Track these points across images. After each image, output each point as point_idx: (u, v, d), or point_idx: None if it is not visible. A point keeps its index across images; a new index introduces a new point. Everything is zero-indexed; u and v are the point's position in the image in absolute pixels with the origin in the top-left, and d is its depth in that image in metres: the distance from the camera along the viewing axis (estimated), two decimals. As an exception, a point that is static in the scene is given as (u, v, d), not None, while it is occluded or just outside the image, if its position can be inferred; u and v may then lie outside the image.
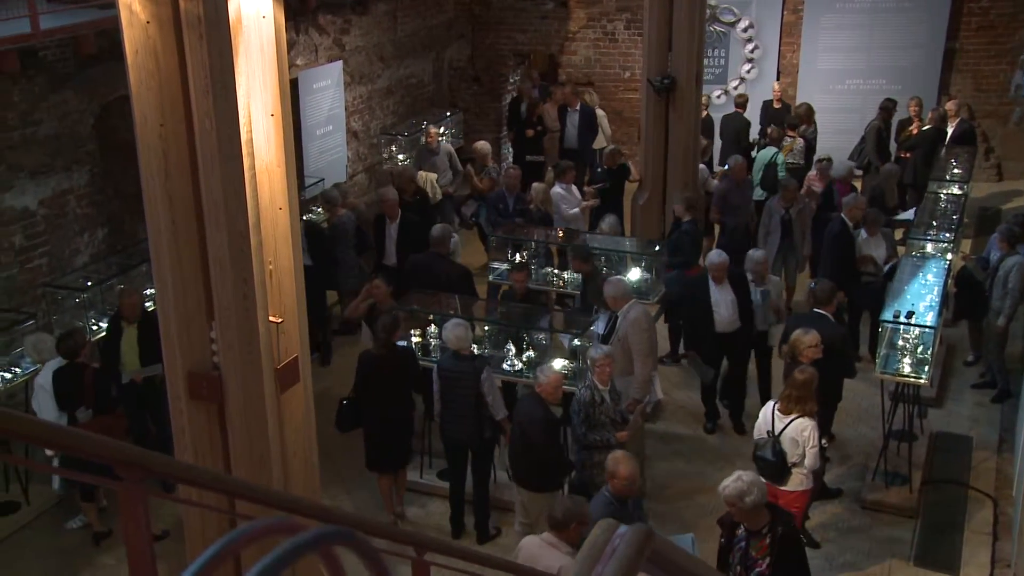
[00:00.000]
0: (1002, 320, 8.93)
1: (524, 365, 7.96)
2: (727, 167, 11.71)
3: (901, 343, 7.79)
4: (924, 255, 9.21)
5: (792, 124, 12.97)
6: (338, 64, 12.92)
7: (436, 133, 12.63)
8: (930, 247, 9.37)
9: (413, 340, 8.19)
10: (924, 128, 12.83)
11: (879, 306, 8.57)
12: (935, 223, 9.93)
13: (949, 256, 9.17)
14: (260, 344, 4.82)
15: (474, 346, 7.68)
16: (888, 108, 13.17)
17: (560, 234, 10.23)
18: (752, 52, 15.23)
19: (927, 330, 7.68)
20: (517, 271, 9.03)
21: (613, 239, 10.27)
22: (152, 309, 8.42)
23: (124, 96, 6.74)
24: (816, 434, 6.54)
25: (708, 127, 13.48)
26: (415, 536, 3.84)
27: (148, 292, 8.75)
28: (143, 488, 2.38)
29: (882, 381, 7.92)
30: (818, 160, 11.89)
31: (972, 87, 14.70)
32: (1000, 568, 7.10)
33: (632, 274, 9.41)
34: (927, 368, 7.67)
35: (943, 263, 8.91)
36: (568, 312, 9.07)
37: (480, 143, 12.59)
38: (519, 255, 9.95)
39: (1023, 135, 14.77)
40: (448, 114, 14.81)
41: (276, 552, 1.07)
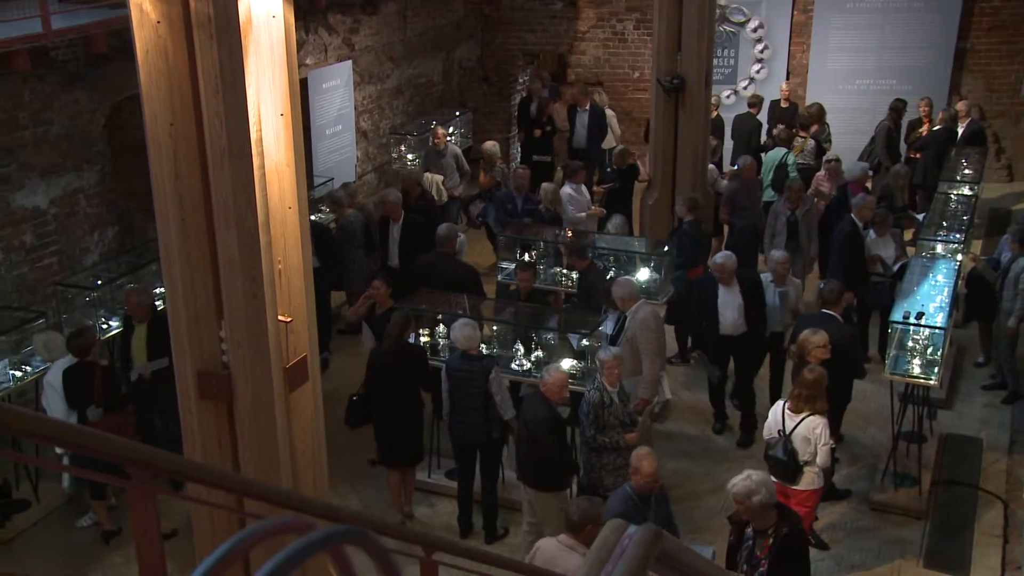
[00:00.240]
0: (1013, 321, 8.90)
1: (532, 365, 7.95)
2: (736, 167, 11.69)
3: (911, 344, 7.76)
4: (934, 256, 9.18)
5: (803, 124, 12.93)
6: (347, 64, 12.93)
7: (444, 134, 12.60)
8: (940, 248, 9.34)
9: (422, 339, 8.20)
10: (935, 129, 12.79)
11: (888, 306, 8.54)
12: (945, 224, 9.90)
13: (959, 257, 9.14)
14: (269, 343, 4.83)
15: (482, 346, 7.68)
16: (898, 108, 13.13)
17: (569, 234, 10.22)
18: (762, 52, 15.20)
19: (937, 331, 7.66)
20: (522, 270, 8.99)
21: (621, 239, 10.26)
22: (162, 308, 8.47)
23: (134, 95, 6.77)
24: (827, 432, 6.55)
25: (718, 127, 13.46)
26: (423, 536, 3.84)
27: (158, 291, 8.79)
28: (153, 487, 2.38)
29: (891, 382, 7.90)
30: (827, 160, 11.85)
31: (983, 87, 14.64)
32: (1010, 570, 7.07)
33: (641, 274, 9.39)
34: (937, 369, 7.64)
35: (953, 264, 8.88)
36: (569, 311, 9.00)
37: (488, 143, 12.57)
38: (527, 255, 9.94)
39: (1034, 135, 14.72)
40: (457, 114, 14.81)
41: (286, 551, 1.07)
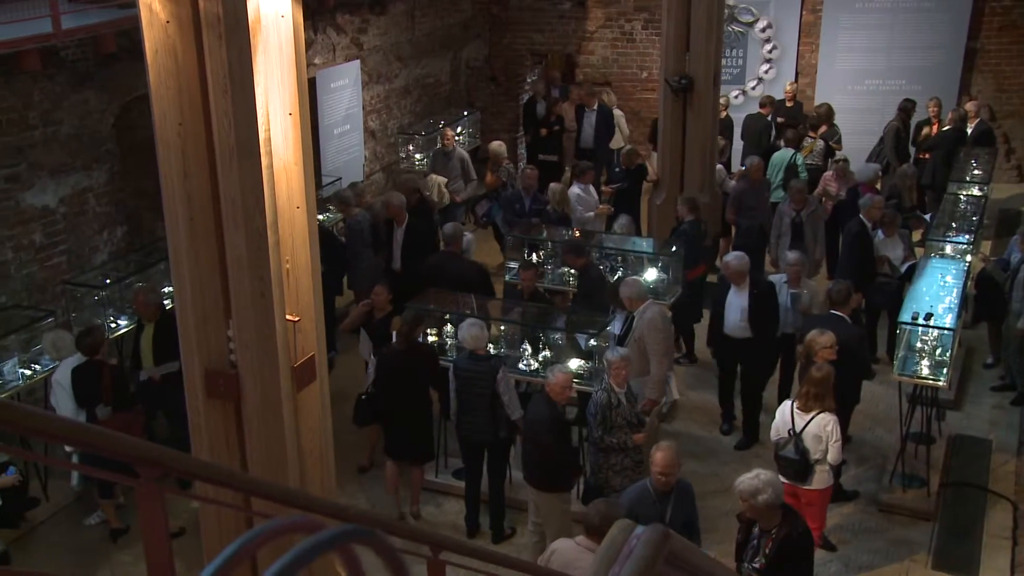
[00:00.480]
0: (1022, 323, 8.86)
1: (540, 365, 7.95)
2: (744, 168, 11.66)
3: (919, 345, 7.74)
4: (943, 256, 9.15)
5: (813, 125, 12.90)
6: (356, 63, 12.95)
7: (452, 136, 12.58)
8: (949, 248, 9.31)
9: (429, 339, 8.20)
10: (944, 129, 12.74)
11: (895, 306, 8.51)
12: (955, 224, 9.86)
13: (968, 258, 9.11)
14: (277, 342, 4.83)
15: (490, 346, 7.67)
16: (907, 108, 13.09)
17: (577, 234, 10.20)
18: (770, 52, 15.17)
19: (946, 332, 7.63)
20: (525, 269, 8.94)
21: (628, 239, 10.26)
22: (170, 308, 8.49)
23: (143, 95, 6.79)
24: (838, 429, 6.54)
25: (727, 128, 13.43)
26: (430, 535, 3.84)
27: (166, 290, 8.81)
28: (161, 485, 2.39)
29: (900, 383, 7.88)
30: (835, 161, 11.81)
31: (993, 87, 14.58)
32: (1020, 573, 7.04)
33: (648, 274, 9.37)
34: (945, 370, 7.61)
35: (962, 265, 8.85)
36: (574, 311, 8.96)
37: (495, 143, 12.56)
38: (535, 255, 9.93)
39: (1045, 136, 14.66)
40: (465, 114, 14.82)
41: (295, 550, 1.08)
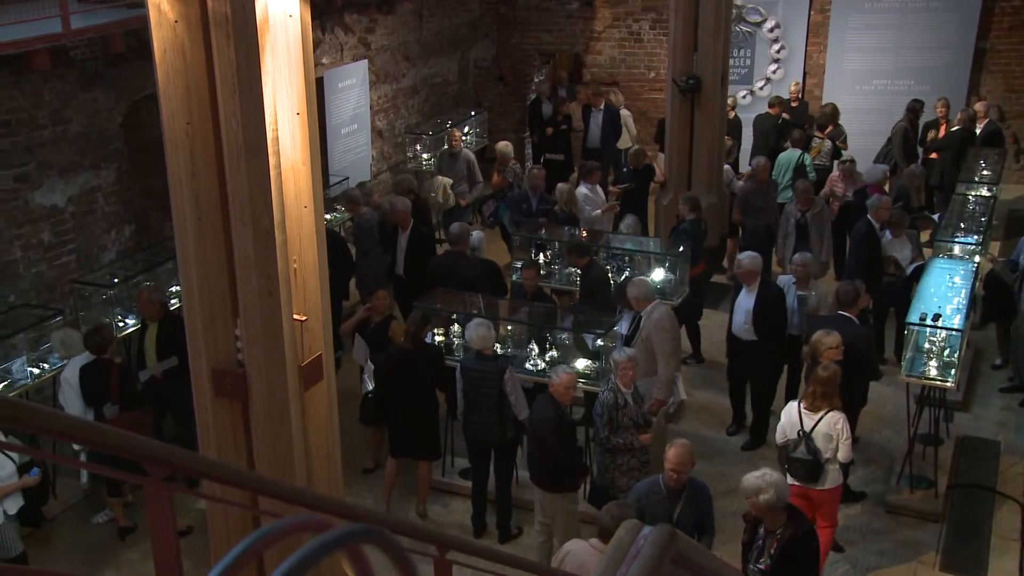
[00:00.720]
0: (1031, 324, 8.84)
1: (547, 365, 7.94)
2: (751, 168, 11.64)
3: (927, 346, 7.71)
4: (952, 257, 9.12)
5: (820, 125, 12.87)
6: (363, 63, 12.97)
7: (460, 137, 12.52)
8: (958, 249, 9.28)
9: (436, 339, 8.20)
10: (952, 129, 12.70)
11: (901, 306, 8.48)
12: (963, 225, 9.83)
13: (977, 258, 9.08)
14: (284, 342, 4.84)
15: (497, 345, 7.68)
16: (915, 109, 13.05)
17: (584, 234, 10.20)
18: (778, 52, 15.14)
19: (954, 333, 7.61)
20: (527, 268, 8.88)
21: (635, 239, 10.25)
22: (175, 308, 8.51)
23: (152, 95, 6.80)
24: (848, 427, 6.52)
25: (735, 128, 13.41)
26: (437, 535, 3.83)
27: (174, 289, 8.84)
28: (169, 484, 2.39)
29: (907, 384, 7.85)
30: (841, 161, 11.77)
31: (1003, 88, 14.53)
32: (1027, 574, 7.02)
33: (655, 275, 9.36)
34: (953, 371, 7.59)
35: (971, 265, 8.82)
36: (578, 310, 8.94)
37: (502, 143, 12.55)
38: (542, 255, 9.92)
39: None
40: (472, 113, 14.82)
41: (304, 549, 1.07)
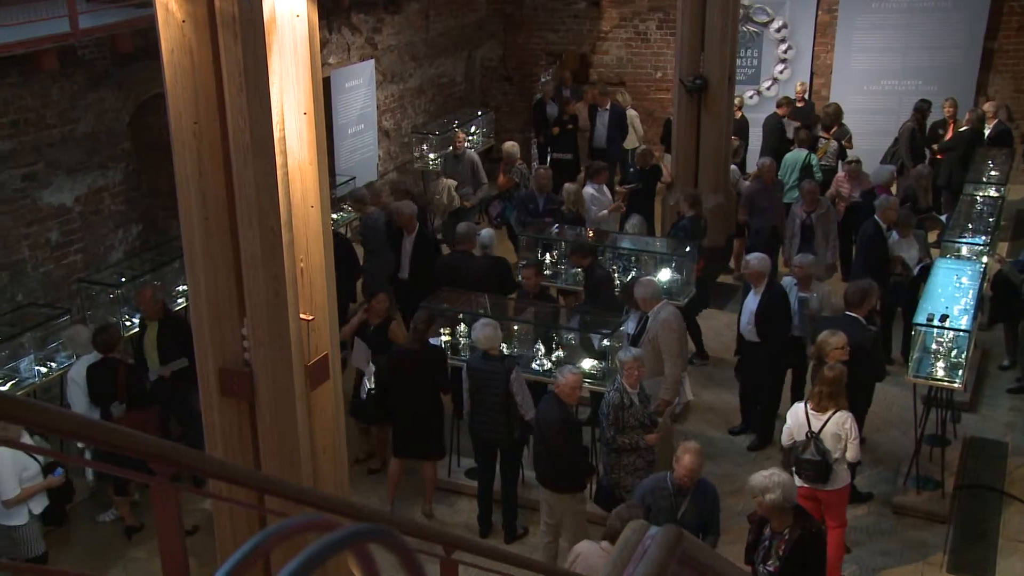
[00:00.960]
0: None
1: (553, 365, 7.94)
2: (757, 168, 11.62)
3: (935, 347, 7.69)
4: (959, 258, 9.10)
5: (825, 126, 12.84)
6: (370, 63, 12.98)
7: (464, 138, 12.45)
8: (965, 250, 9.26)
9: (443, 339, 8.20)
10: (961, 130, 12.66)
11: (908, 306, 8.45)
12: (971, 225, 9.81)
13: (984, 259, 9.06)
14: (291, 341, 4.84)
15: (503, 345, 7.67)
16: (922, 109, 13.01)
17: (591, 234, 10.19)
18: (785, 52, 15.11)
19: (961, 334, 7.59)
20: (526, 268, 8.81)
21: (642, 239, 10.25)
22: (177, 309, 8.53)
23: (159, 94, 6.83)
24: (856, 426, 6.51)
25: (742, 128, 13.39)
26: (443, 534, 3.84)
27: (180, 288, 8.86)
28: (176, 484, 2.40)
29: (914, 385, 7.83)
30: (847, 162, 11.74)
31: (1011, 88, 14.48)
32: (1035, 576, 6.99)
33: (662, 275, 9.35)
34: (961, 372, 7.57)
35: (978, 266, 8.79)
36: (583, 310, 8.93)
37: (508, 143, 12.54)
38: (548, 255, 9.92)
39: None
40: (479, 113, 14.82)
41: (311, 549, 1.07)
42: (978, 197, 10.61)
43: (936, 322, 7.57)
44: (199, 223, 4.77)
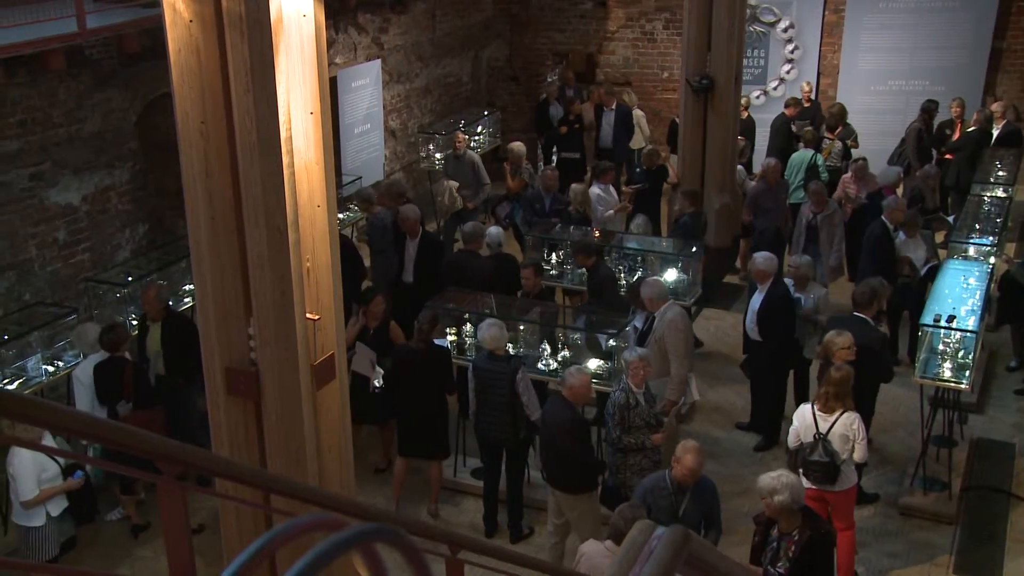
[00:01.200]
0: (1046, 326, 8.78)
1: (559, 365, 7.94)
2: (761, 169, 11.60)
3: (942, 347, 7.67)
4: (967, 258, 9.07)
5: (830, 126, 12.82)
6: (376, 63, 12.99)
7: (464, 138, 12.32)
8: (973, 250, 9.23)
9: (449, 339, 8.20)
10: (968, 130, 12.63)
11: (915, 307, 8.43)
12: (978, 226, 9.78)
13: (992, 260, 9.03)
14: (297, 341, 4.85)
15: (509, 345, 7.67)
16: (929, 109, 12.97)
17: (596, 234, 10.18)
18: (792, 53, 15.08)
19: (968, 334, 7.57)
20: (525, 268, 8.76)
21: (647, 239, 10.24)
22: (181, 309, 8.53)
23: (166, 94, 6.84)
24: (863, 427, 6.50)
25: (748, 128, 13.37)
26: (449, 534, 3.84)
27: (187, 288, 8.87)
28: (182, 483, 2.40)
29: (921, 386, 7.81)
30: (853, 160, 11.71)
31: (1019, 88, 14.42)
32: (1042, 578, 6.97)
33: (668, 275, 9.34)
34: (968, 373, 7.55)
35: (986, 267, 8.77)
36: (588, 310, 8.91)
37: (515, 144, 12.52)
38: (554, 255, 9.92)
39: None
40: (485, 113, 14.81)
41: (319, 548, 1.07)
42: (986, 197, 10.58)
43: (943, 323, 7.55)
44: (206, 222, 4.78)
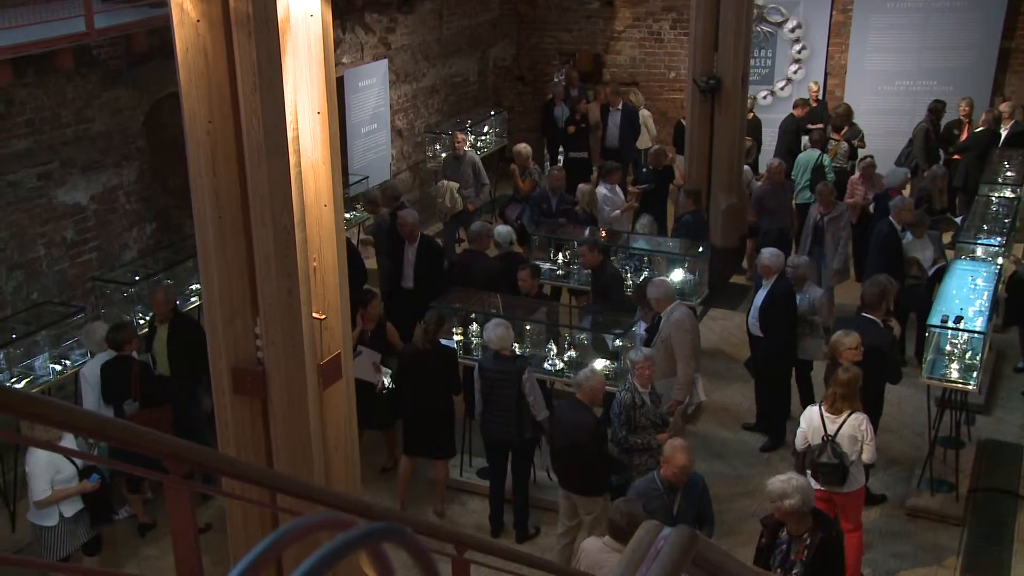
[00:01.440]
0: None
1: (565, 365, 7.93)
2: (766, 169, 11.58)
3: (949, 348, 7.65)
4: (974, 259, 9.05)
5: (836, 127, 12.79)
6: (383, 62, 12.99)
7: (464, 139, 12.22)
8: (980, 251, 9.21)
9: (455, 339, 8.20)
10: (977, 130, 12.59)
11: (923, 308, 8.41)
12: (986, 227, 9.75)
13: (1000, 260, 9.01)
14: (304, 340, 4.85)
15: (515, 345, 7.66)
16: (937, 110, 12.93)
17: (603, 234, 10.17)
18: (799, 53, 15.04)
19: (976, 335, 7.55)
20: (523, 269, 8.68)
21: (653, 239, 10.23)
22: (187, 309, 8.54)
23: (173, 93, 6.84)
24: (871, 428, 6.49)
25: (755, 128, 13.34)
26: (455, 534, 3.83)
27: (194, 287, 8.89)
28: (189, 481, 2.40)
29: (928, 387, 7.79)
30: (860, 160, 11.67)
31: (1027, 88, 14.39)
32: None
33: (675, 275, 9.33)
34: (976, 374, 7.53)
35: (993, 267, 8.74)
36: (592, 310, 8.90)
37: (521, 145, 12.50)
38: (561, 255, 9.91)
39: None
40: (492, 113, 14.81)
41: (327, 548, 1.07)
42: (994, 198, 10.55)
43: (951, 324, 7.53)
44: (213, 222, 4.79)
